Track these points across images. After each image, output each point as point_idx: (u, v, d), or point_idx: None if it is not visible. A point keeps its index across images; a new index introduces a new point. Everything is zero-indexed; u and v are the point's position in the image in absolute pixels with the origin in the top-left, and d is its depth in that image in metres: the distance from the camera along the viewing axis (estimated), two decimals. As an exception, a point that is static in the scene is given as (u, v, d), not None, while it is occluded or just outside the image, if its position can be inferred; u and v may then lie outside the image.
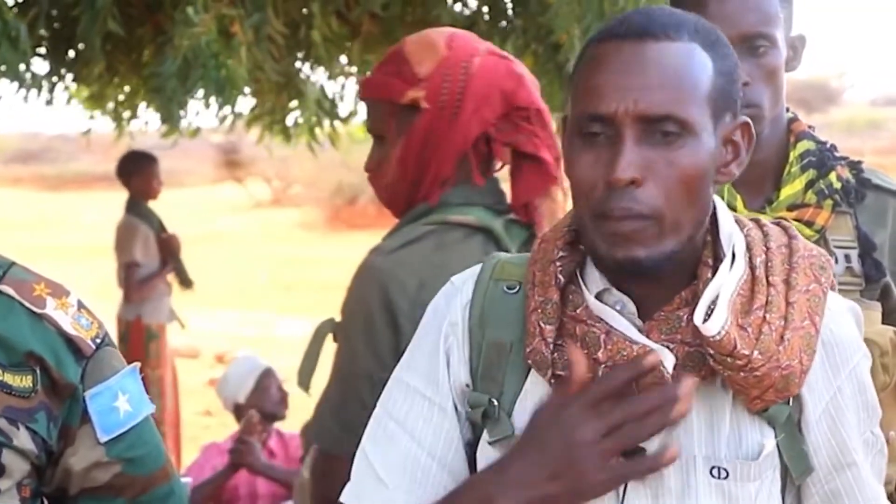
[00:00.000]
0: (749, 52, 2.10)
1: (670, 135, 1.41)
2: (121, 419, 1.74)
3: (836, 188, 2.18)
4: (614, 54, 1.44)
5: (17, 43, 4.02)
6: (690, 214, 1.44)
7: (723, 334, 1.41)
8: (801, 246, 1.53)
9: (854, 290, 2.16)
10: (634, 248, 1.42)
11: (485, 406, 1.52)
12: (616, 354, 1.45)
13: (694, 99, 1.42)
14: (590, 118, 1.44)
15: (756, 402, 1.47)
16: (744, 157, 1.50)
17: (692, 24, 1.46)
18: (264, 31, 4.33)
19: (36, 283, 1.73)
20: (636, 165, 1.40)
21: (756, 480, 1.48)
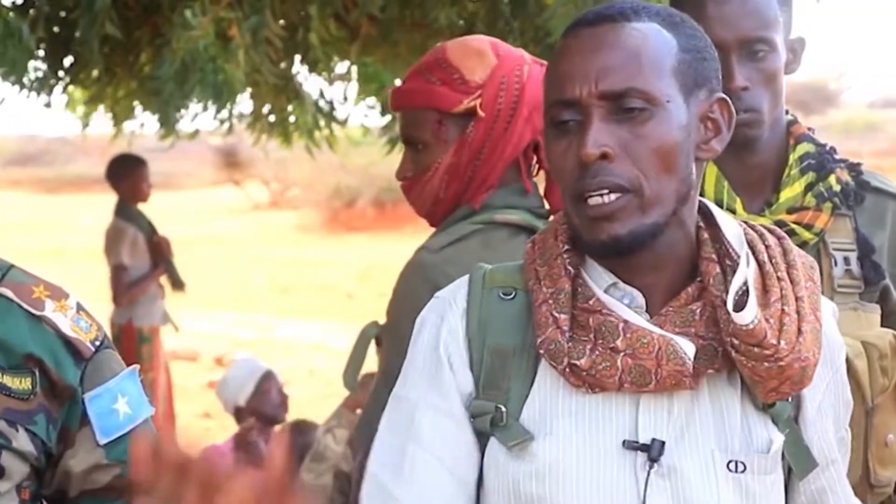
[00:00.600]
0: (748, 56, 2.12)
1: (635, 109, 1.45)
2: (120, 421, 1.74)
3: (836, 191, 2.19)
4: (574, 42, 1.49)
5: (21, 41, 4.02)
6: (670, 186, 1.46)
7: (756, 323, 1.43)
8: (793, 246, 1.55)
9: (853, 293, 2.17)
10: (615, 227, 1.45)
11: (491, 413, 1.52)
12: (636, 343, 1.46)
13: (656, 72, 1.46)
14: (559, 105, 1.48)
15: (771, 395, 1.48)
16: (725, 133, 1.53)
17: (653, 8, 1.50)
18: (262, 33, 4.33)
19: (35, 285, 1.74)
20: (604, 141, 1.44)
21: (771, 473, 1.49)
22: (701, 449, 1.48)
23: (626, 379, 1.46)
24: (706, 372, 1.48)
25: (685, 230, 1.51)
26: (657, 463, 1.46)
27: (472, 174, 2.23)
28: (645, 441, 1.47)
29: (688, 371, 1.45)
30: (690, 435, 1.48)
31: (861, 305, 2.17)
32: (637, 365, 1.46)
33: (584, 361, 1.46)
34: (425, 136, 2.27)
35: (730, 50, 2.11)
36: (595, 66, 1.45)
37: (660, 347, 1.45)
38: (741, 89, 2.10)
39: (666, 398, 1.48)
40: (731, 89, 2.09)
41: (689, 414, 1.49)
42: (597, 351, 1.47)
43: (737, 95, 2.10)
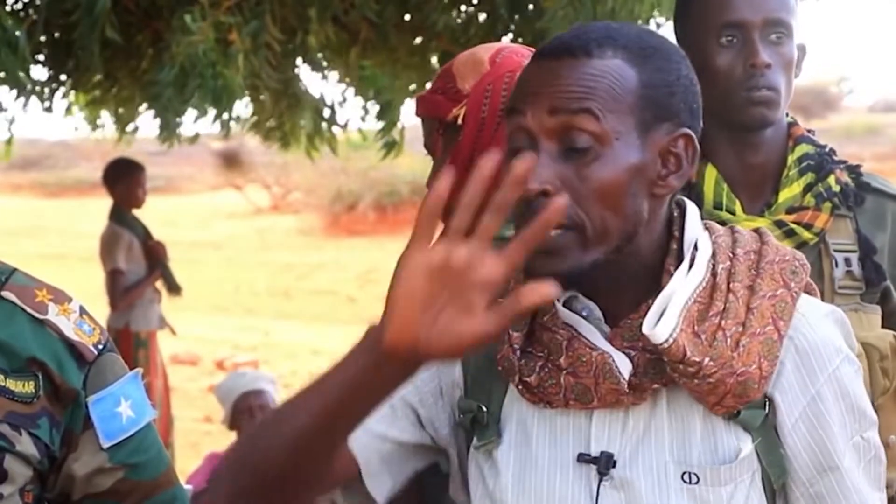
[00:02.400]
0: (769, 39, 2.14)
1: (581, 150, 1.44)
2: (123, 425, 1.75)
3: (835, 191, 2.19)
4: (535, 71, 1.49)
5: (17, 49, 4.02)
6: (616, 224, 1.45)
7: (671, 341, 1.43)
8: (772, 251, 1.54)
9: (854, 294, 2.17)
10: (555, 263, 1.44)
11: (474, 412, 1.56)
12: (576, 360, 1.48)
13: (606, 111, 1.44)
14: (513, 131, 1.49)
15: (717, 409, 1.48)
16: (686, 168, 1.50)
17: (622, 40, 1.48)
18: (261, 38, 4.34)
19: (38, 289, 1.74)
20: (547, 178, 1.43)
21: (728, 484, 1.48)
22: (655, 461, 1.48)
23: (570, 396, 1.48)
24: (653, 386, 1.48)
25: (640, 258, 1.50)
26: (608, 476, 1.48)
27: None
28: (596, 454, 1.49)
29: (623, 389, 1.46)
30: (645, 447, 1.49)
31: (862, 307, 2.17)
32: (578, 383, 1.47)
33: (532, 379, 1.50)
34: (432, 145, 2.28)
35: (753, 29, 2.13)
36: (545, 101, 1.46)
37: (597, 366, 1.46)
38: (765, 66, 2.12)
39: (622, 412, 1.50)
40: (756, 65, 2.12)
41: (646, 426, 1.49)
42: (546, 368, 1.49)
43: (760, 72, 2.12)
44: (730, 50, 2.14)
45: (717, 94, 2.14)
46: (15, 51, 4.02)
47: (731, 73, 2.14)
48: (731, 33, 2.14)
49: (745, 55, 2.13)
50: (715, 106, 2.15)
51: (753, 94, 2.13)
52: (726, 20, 2.14)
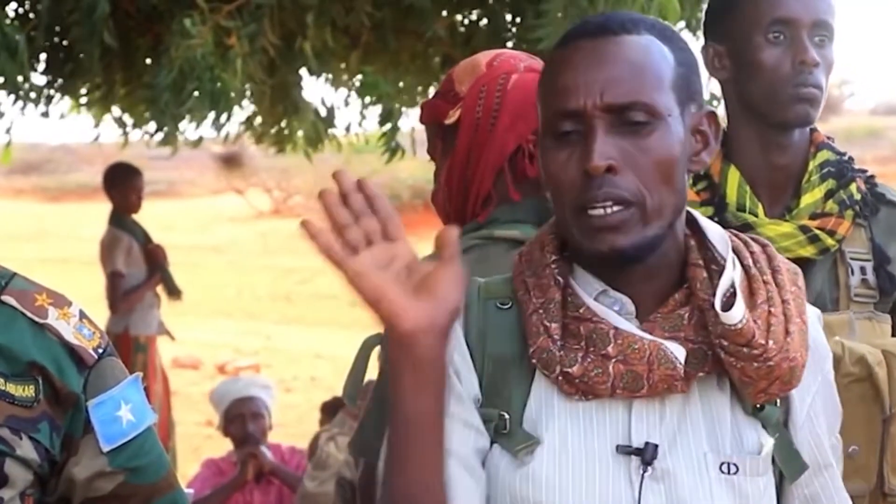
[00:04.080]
0: (814, 41, 2.15)
1: (639, 123, 1.46)
2: (123, 429, 1.74)
3: (857, 199, 2.20)
4: (576, 53, 1.49)
5: (16, 54, 4.02)
6: (670, 199, 1.48)
7: (744, 323, 1.45)
8: (776, 253, 1.57)
9: (868, 302, 2.18)
10: (618, 238, 1.46)
11: (495, 421, 1.53)
12: (627, 348, 1.48)
13: (658, 86, 1.47)
14: (561, 116, 1.48)
15: (760, 396, 1.49)
16: (713, 145, 1.55)
17: (648, 21, 1.52)
18: (259, 42, 4.34)
19: (38, 293, 1.74)
20: (610, 153, 1.45)
21: (764, 475, 1.51)
22: (693, 451, 1.49)
23: (619, 385, 1.48)
24: (697, 375, 1.49)
25: (676, 240, 1.53)
26: (651, 466, 1.48)
27: (467, 186, 2.23)
28: (638, 445, 1.48)
29: (679, 375, 1.47)
30: (683, 438, 1.50)
31: (875, 315, 2.18)
32: (629, 371, 1.47)
33: (576, 369, 1.48)
34: (433, 150, 2.28)
35: (802, 28, 2.14)
36: (600, 79, 1.46)
37: (651, 353, 1.47)
38: (814, 65, 2.12)
39: (658, 402, 1.50)
40: (806, 62, 2.13)
41: (681, 417, 1.50)
42: (588, 358, 1.49)
43: (809, 70, 2.13)
44: (777, 46, 2.15)
45: (762, 89, 2.15)
46: (14, 55, 4.02)
47: (779, 69, 2.14)
48: (779, 30, 2.14)
49: (793, 52, 2.14)
50: (758, 101, 2.16)
51: (801, 91, 2.14)
52: (777, 16, 2.15)
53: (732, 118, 2.24)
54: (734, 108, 2.24)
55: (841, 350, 2.08)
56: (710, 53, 2.23)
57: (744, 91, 2.20)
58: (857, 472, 2.09)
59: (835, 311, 2.16)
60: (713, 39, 2.23)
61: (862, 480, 2.09)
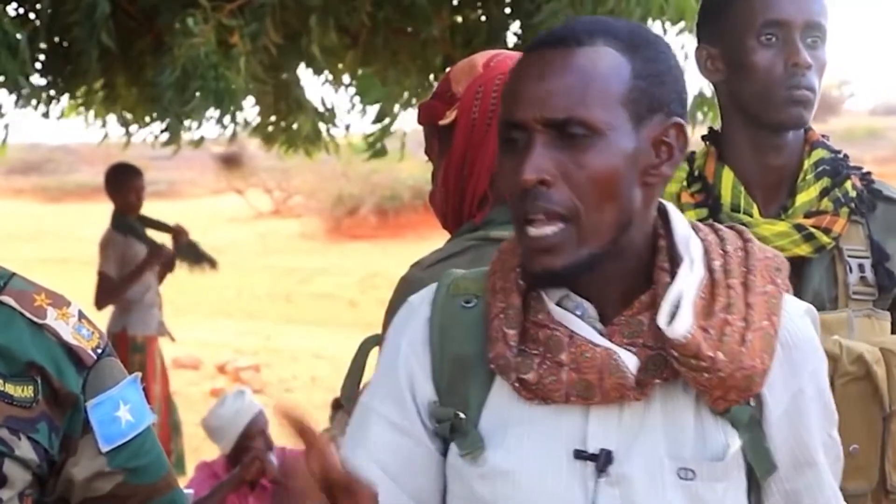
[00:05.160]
0: (806, 42, 2.15)
1: (577, 136, 1.44)
2: (122, 429, 1.74)
3: (852, 197, 2.20)
4: (528, 63, 1.49)
5: (16, 54, 4.02)
6: (609, 216, 1.46)
7: (688, 337, 1.44)
8: (757, 249, 1.55)
9: (867, 300, 2.17)
10: (550, 259, 1.46)
11: (451, 420, 1.53)
12: (580, 356, 1.47)
13: (601, 101, 1.45)
14: (507, 125, 1.49)
15: (719, 402, 1.49)
16: (677, 156, 1.51)
17: (613, 31, 1.49)
18: (261, 40, 4.34)
19: (36, 293, 1.74)
20: (543, 167, 1.44)
21: (723, 481, 1.49)
22: (651, 457, 1.48)
23: (572, 392, 1.48)
24: (654, 382, 1.48)
25: (634, 249, 1.51)
26: (606, 472, 1.48)
27: (463, 187, 2.22)
28: (594, 451, 1.48)
29: (630, 384, 1.46)
30: (640, 443, 1.49)
31: (875, 312, 2.17)
32: (581, 379, 1.47)
33: (531, 376, 1.48)
34: (430, 151, 2.28)
35: (795, 29, 2.14)
36: (541, 92, 1.46)
37: (602, 361, 1.46)
38: (806, 67, 2.12)
39: (616, 407, 1.49)
40: (799, 64, 2.12)
41: (640, 422, 1.49)
42: (544, 365, 1.48)
43: (802, 72, 2.13)
44: (769, 48, 2.14)
45: (755, 91, 2.15)
46: (15, 55, 4.02)
47: (772, 71, 2.14)
48: (771, 32, 2.14)
49: (786, 54, 2.13)
50: (750, 103, 2.16)
51: (794, 93, 2.13)
52: (769, 18, 2.14)
53: (726, 120, 2.24)
54: (728, 110, 2.23)
55: (839, 349, 2.08)
56: (703, 55, 2.23)
57: (737, 93, 2.19)
58: (858, 470, 2.09)
59: (833, 309, 2.16)
60: (706, 41, 2.23)
61: (863, 479, 2.09)
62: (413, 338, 1.57)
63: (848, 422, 2.07)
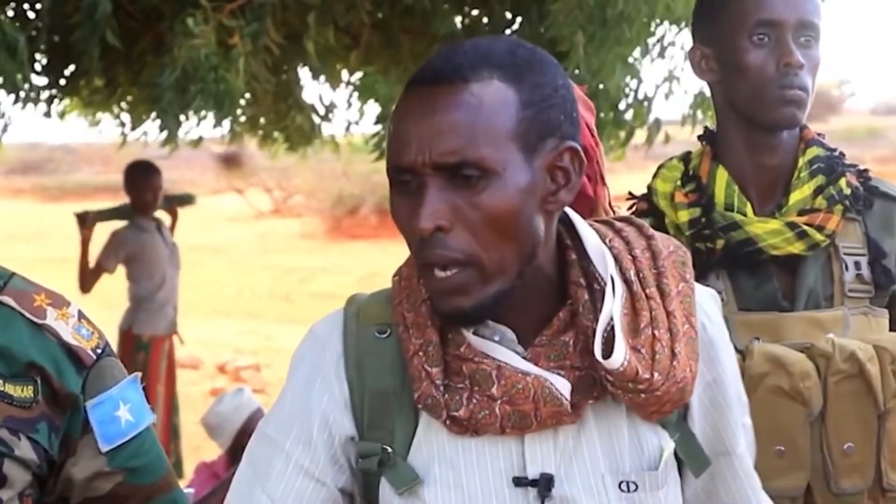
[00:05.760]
0: (799, 41, 2.14)
1: (471, 178, 1.39)
2: (122, 429, 1.74)
3: (846, 194, 2.19)
4: (411, 102, 1.43)
5: (16, 54, 4.02)
6: (511, 251, 1.42)
7: (626, 365, 1.42)
8: (661, 245, 1.53)
9: (864, 297, 2.17)
10: (458, 299, 1.42)
11: (378, 455, 1.49)
12: (511, 389, 1.44)
13: (490, 139, 1.39)
14: (396, 169, 1.43)
15: (653, 416, 1.48)
16: (575, 181, 1.46)
17: (495, 59, 1.43)
18: (261, 41, 4.33)
19: (36, 293, 1.74)
20: (439, 213, 1.40)
21: (663, 487, 1.49)
22: (591, 475, 1.47)
23: (507, 424, 1.45)
24: (587, 402, 1.47)
25: (543, 273, 1.48)
26: (549, 496, 1.46)
27: None
28: (534, 476, 1.46)
29: (566, 410, 1.44)
30: (579, 463, 1.48)
31: (871, 310, 2.17)
32: (515, 410, 1.45)
33: (462, 412, 1.45)
34: None
35: (787, 29, 2.13)
36: (428, 134, 1.39)
37: (535, 391, 1.44)
38: (798, 66, 2.12)
39: (551, 431, 1.47)
40: (791, 63, 2.12)
41: (576, 442, 1.48)
42: (474, 399, 1.45)
43: (794, 71, 2.12)
44: (761, 48, 2.14)
45: (748, 91, 2.15)
46: (14, 55, 4.02)
47: (764, 71, 2.13)
48: (764, 31, 2.14)
49: (778, 54, 2.13)
50: (743, 103, 2.16)
51: (786, 94, 2.13)
52: (761, 18, 2.14)
53: (721, 120, 2.24)
54: (722, 110, 2.23)
55: (831, 347, 2.08)
56: (697, 56, 2.23)
57: (730, 93, 2.19)
58: (854, 469, 2.09)
59: (829, 307, 2.15)
60: (700, 42, 2.23)
61: (859, 477, 2.10)
62: (327, 373, 1.53)
63: (841, 420, 2.08)
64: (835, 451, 2.08)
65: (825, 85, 33.05)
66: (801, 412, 2.08)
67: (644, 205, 2.29)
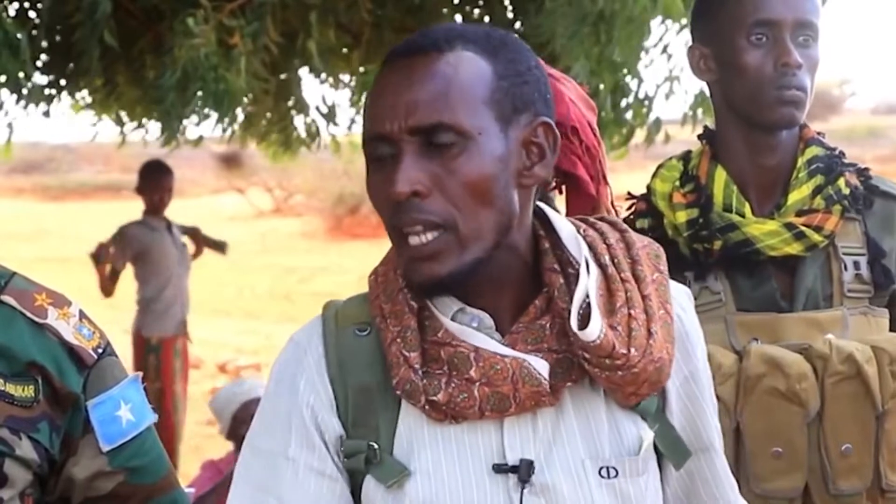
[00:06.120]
0: (797, 40, 2.14)
1: (447, 144, 1.41)
2: (123, 428, 1.74)
3: (845, 194, 2.19)
4: (387, 75, 1.45)
5: (17, 53, 4.02)
6: (488, 220, 1.44)
7: (602, 337, 1.43)
8: (636, 238, 1.55)
9: (863, 297, 2.16)
10: (434, 267, 1.43)
11: (364, 452, 1.49)
12: (490, 370, 1.45)
13: (466, 104, 1.42)
14: (372, 140, 1.46)
15: (631, 398, 1.48)
16: (549, 157, 1.49)
17: (470, 35, 1.47)
18: (261, 40, 4.34)
19: (37, 293, 1.74)
20: (416, 178, 1.42)
21: (644, 474, 1.50)
22: (571, 461, 1.48)
23: (486, 407, 1.45)
24: (565, 385, 1.47)
25: (518, 252, 1.50)
26: (528, 482, 1.46)
27: None
28: (514, 462, 1.46)
29: (545, 390, 1.45)
30: (559, 448, 1.48)
31: (871, 310, 2.16)
32: (494, 392, 1.45)
33: (441, 396, 1.45)
34: None
35: (784, 29, 2.13)
36: (404, 101, 1.42)
37: (514, 371, 1.44)
38: (796, 66, 2.11)
39: (530, 417, 1.48)
40: (789, 64, 2.11)
41: (555, 428, 1.49)
42: (452, 383, 1.46)
43: (792, 71, 2.12)
44: (759, 48, 2.14)
45: (746, 91, 2.14)
46: (16, 54, 4.02)
47: (762, 71, 2.13)
48: (761, 31, 2.13)
49: (776, 54, 2.13)
50: (741, 103, 2.16)
51: (784, 94, 2.13)
52: (759, 18, 2.13)
53: (720, 120, 2.24)
54: (721, 110, 2.23)
55: (828, 348, 2.07)
56: (695, 55, 2.23)
57: (729, 93, 2.19)
58: (852, 470, 2.09)
59: (828, 307, 2.15)
60: (699, 41, 2.23)
61: (857, 479, 2.09)
62: (310, 375, 1.52)
63: (839, 421, 2.08)
64: (832, 452, 2.08)
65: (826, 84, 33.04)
66: (798, 413, 2.08)
67: (643, 205, 2.29)
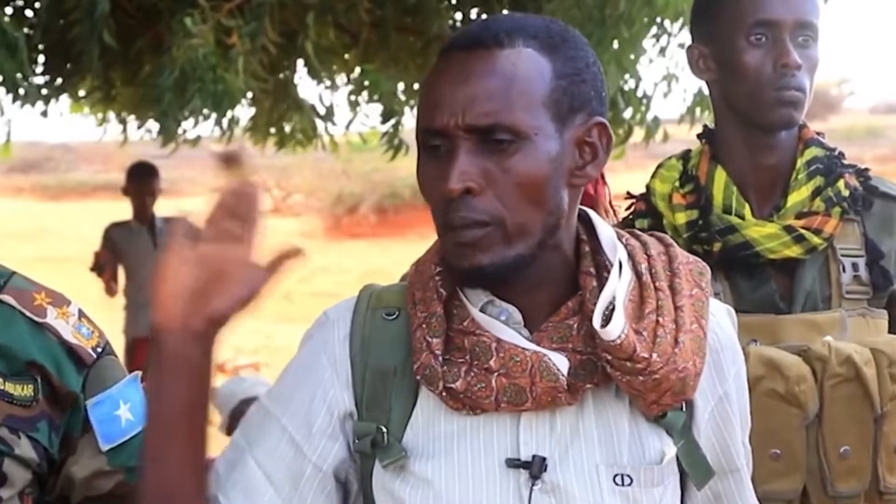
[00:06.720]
0: (797, 41, 2.13)
1: (503, 142, 1.41)
2: (122, 428, 1.75)
3: (845, 196, 2.18)
4: (446, 67, 1.45)
5: (15, 52, 4.02)
6: (537, 218, 1.44)
7: (623, 338, 1.42)
8: (679, 253, 1.54)
9: (862, 299, 2.16)
10: (477, 256, 1.43)
11: (373, 434, 1.50)
12: (509, 361, 1.45)
13: (525, 104, 1.42)
14: (427, 132, 1.45)
15: (653, 407, 1.48)
16: (602, 157, 1.49)
17: (531, 30, 1.45)
18: (259, 40, 4.34)
19: (37, 292, 1.74)
20: (469, 175, 1.41)
21: (660, 485, 1.49)
22: (586, 464, 1.47)
23: (503, 399, 1.45)
24: (585, 387, 1.47)
25: (561, 252, 1.50)
26: (540, 480, 1.46)
27: None
28: (527, 458, 1.46)
29: (562, 387, 1.44)
30: (575, 450, 1.48)
31: (869, 311, 2.16)
32: (511, 384, 1.45)
33: (458, 384, 1.46)
34: None
35: (784, 29, 2.12)
36: (462, 98, 1.41)
37: (533, 365, 1.44)
38: (796, 67, 2.11)
39: (549, 414, 1.48)
40: (788, 64, 2.11)
41: (573, 429, 1.48)
42: (472, 372, 1.46)
43: (791, 72, 2.11)
44: (759, 49, 2.13)
45: (745, 91, 2.14)
46: (14, 54, 4.02)
47: (761, 71, 2.12)
48: (761, 32, 2.13)
49: (775, 55, 2.12)
50: (740, 103, 2.15)
51: (783, 95, 2.12)
52: (758, 18, 2.13)
53: (719, 119, 2.23)
54: (720, 110, 2.23)
55: (827, 351, 2.07)
56: (695, 55, 2.22)
57: (728, 93, 2.19)
58: (850, 472, 2.09)
59: (827, 309, 2.14)
60: (698, 40, 2.23)
61: (856, 481, 2.09)
62: (332, 351, 1.54)
63: (838, 423, 2.07)
64: (831, 454, 2.08)
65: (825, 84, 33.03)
66: (796, 415, 2.08)
67: (642, 205, 2.28)
